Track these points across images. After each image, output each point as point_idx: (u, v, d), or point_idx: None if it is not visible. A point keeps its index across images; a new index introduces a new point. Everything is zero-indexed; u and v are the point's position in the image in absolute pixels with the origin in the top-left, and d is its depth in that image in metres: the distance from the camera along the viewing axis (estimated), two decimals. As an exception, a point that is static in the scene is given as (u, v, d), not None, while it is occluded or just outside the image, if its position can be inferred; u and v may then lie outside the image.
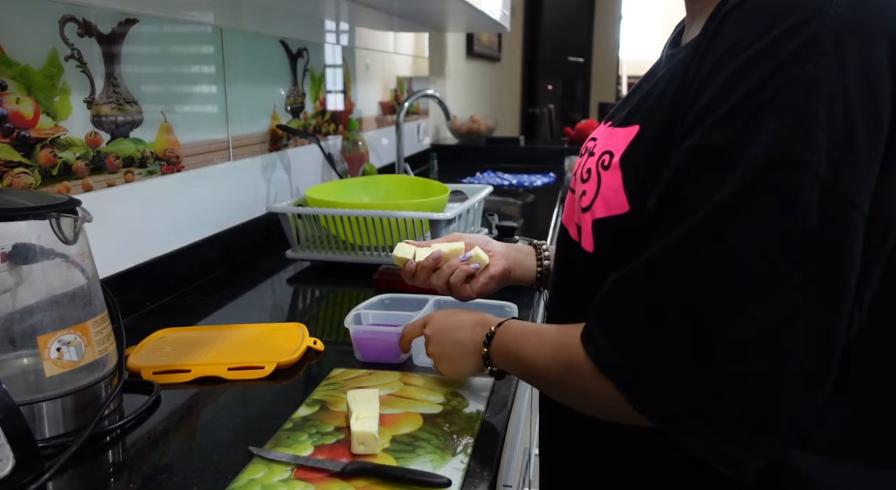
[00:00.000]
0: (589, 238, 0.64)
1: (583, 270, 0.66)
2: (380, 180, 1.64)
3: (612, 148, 0.62)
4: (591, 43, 6.33)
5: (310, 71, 1.77)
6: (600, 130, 0.70)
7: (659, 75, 0.62)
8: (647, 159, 0.58)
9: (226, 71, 1.37)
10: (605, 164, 0.62)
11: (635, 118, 0.61)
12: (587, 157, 0.66)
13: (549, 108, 4.64)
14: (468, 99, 3.91)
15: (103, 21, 1.04)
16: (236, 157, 1.43)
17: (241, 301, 1.20)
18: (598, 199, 0.62)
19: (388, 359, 0.89)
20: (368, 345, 0.90)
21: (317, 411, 0.76)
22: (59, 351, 0.68)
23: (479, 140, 3.10)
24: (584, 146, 0.74)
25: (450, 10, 2.02)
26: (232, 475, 0.64)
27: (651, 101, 0.60)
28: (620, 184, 0.59)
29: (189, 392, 0.83)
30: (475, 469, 0.67)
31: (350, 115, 2.07)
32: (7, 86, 0.88)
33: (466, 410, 0.77)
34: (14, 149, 0.89)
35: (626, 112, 0.64)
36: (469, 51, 3.79)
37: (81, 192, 1.01)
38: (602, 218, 0.61)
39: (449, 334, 0.79)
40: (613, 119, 0.68)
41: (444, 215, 1.27)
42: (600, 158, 0.63)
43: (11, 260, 0.68)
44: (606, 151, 0.62)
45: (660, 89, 0.59)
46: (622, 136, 0.61)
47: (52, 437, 0.69)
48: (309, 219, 1.32)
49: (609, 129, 0.65)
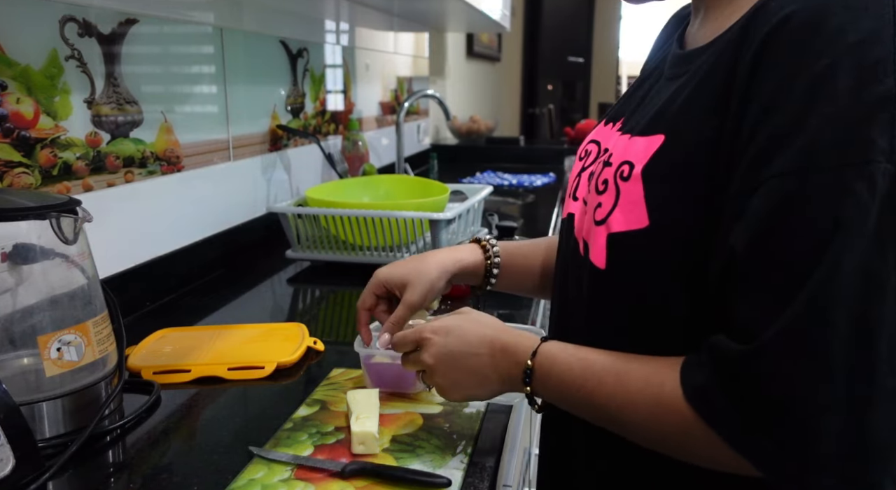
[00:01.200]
0: (601, 253, 0.60)
1: (592, 287, 0.63)
2: (380, 180, 1.64)
3: (631, 158, 0.59)
4: (591, 43, 6.33)
5: (310, 71, 1.77)
6: (606, 135, 0.68)
7: (681, 81, 0.59)
8: (673, 173, 0.55)
9: (226, 71, 1.37)
10: (624, 176, 0.59)
11: (659, 127, 0.58)
12: (602, 167, 0.63)
13: (549, 109, 4.64)
14: (468, 99, 3.91)
15: (103, 21, 1.04)
16: (236, 157, 1.43)
17: (241, 301, 1.20)
18: (615, 212, 0.59)
19: (404, 388, 0.81)
20: (380, 371, 0.81)
21: (317, 411, 0.77)
22: (59, 351, 0.68)
23: (479, 140, 3.11)
24: (583, 148, 0.71)
25: (450, 10, 2.02)
26: (232, 475, 0.64)
27: (675, 110, 0.57)
28: (641, 197, 0.56)
29: (189, 392, 0.83)
30: (475, 469, 0.67)
31: (350, 115, 2.07)
32: (7, 86, 0.88)
33: (466, 410, 0.77)
34: (14, 149, 0.89)
35: (645, 119, 0.61)
36: (469, 51, 3.79)
37: (81, 192, 1.01)
38: (618, 232, 0.58)
39: (460, 362, 0.67)
40: (624, 125, 0.65)
41: (444, 215, 1.27)
42: (619, 169, 0.60)
43: (12, 260, 0.68)
44: (626, 162, 0.59)
45: (685, 97, 0.57)
46: (643, 146, 0.58)
47: (52, 437, 0.69)
48: (309, 219, 1.33)
49: (624, 137, 0.62)
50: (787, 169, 0.48)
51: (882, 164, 0.46)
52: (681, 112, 0.57)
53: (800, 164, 0.47)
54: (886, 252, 0.46)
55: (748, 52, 0.51)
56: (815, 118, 0.47)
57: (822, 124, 0.47)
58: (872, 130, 0.46)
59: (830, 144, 0.47)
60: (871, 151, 0.46)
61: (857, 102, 0.46)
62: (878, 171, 0.46)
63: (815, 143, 0.47)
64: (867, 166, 0.46)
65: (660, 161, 0.56)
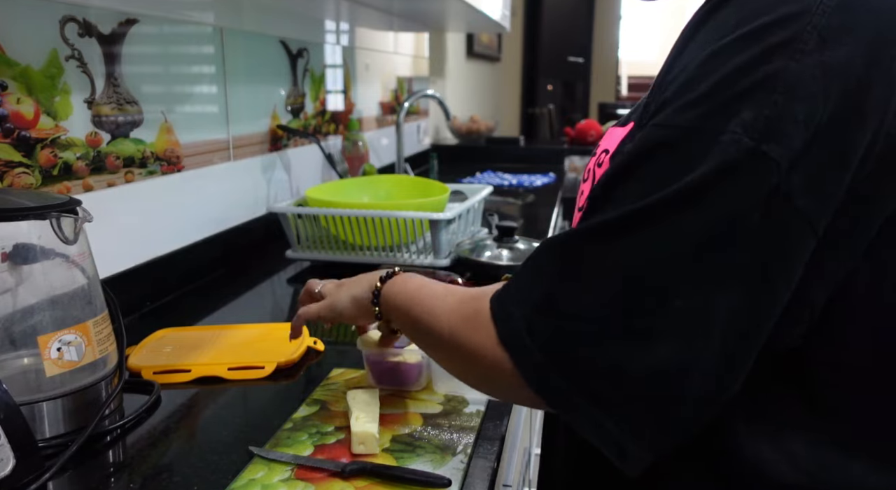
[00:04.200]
0: None
1: None
2: (380, 180, 1.64)
3: (608, 146, 0.62)
4: (591, 43, 6.33)
5: (310, 71, 1.77)
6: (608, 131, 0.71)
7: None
8: None
9: (226, 71, 1.37)
10: (599, 162, 0.62)
11: (632, 115, 0.61)
12: (590, 158, 0.66)
13: (549, 109, 4.64)
14: (468, 99, 3.91)
15: (104, 21, 1.04)
16: (236, 157, 1.43)
17: (241, 301, 1.21)
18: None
19: (407, 384, 0.82)
20: (382, 369, 0.82)
21: (317, 411, 0.77)
22: (59, 351, 0.68)
23: (479, 140, 3.10)
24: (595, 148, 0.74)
25: (450, 10, 2.02)
26: (232, 475, 0.64)
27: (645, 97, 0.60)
28: None
29: (189, 392, 0.83)
30: (475, 469, 0.67)
31: (350, 115, 2.07)
32: (7, 86, 0.88)
33: (466, 410, 0.77)
34: (14, 149, 0.89)
35: (630, 109, 0.64)
36: (469, 51, 3.79)
37: (82, 192, 1.01)
38: None
39: (345, 285, 0.77)
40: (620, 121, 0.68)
41: (444, 215, 1.27)
42: (598, 157, 0.63)
43: (12, 260, 0.68)
44: (604, 150, 0.62)
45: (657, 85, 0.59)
46: (619, 135, 0.61)
47: (53, 436, 0.69)
48: (309, 219, 1.33)
49: (612, 129, 0.65)
50: (658, 121, 0.50)
51: (737, 135, 0.46)
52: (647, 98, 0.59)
53: (668, 120, 0.49)
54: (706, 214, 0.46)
55: (685, 32, 0.54)
56: (701, 85, 0.48)
57: (704, 91, 0.48)
58: (741, 104, 0.46)
59: (701, 108, 0.48)
60: (732, 122, 0.46)
61: (741, 77, 0.47)
62: (732, 141, 0.46)
63: (688, 105, 0.48)
64: (723, 134, 0.46)
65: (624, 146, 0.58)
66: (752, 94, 0.46)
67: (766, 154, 0.45)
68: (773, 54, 0.46)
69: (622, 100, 6.77)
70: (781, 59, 0.46)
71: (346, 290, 0.76)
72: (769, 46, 0.47)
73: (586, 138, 3.08)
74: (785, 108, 0.46)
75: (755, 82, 0.46)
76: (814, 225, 0.47)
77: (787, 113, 0.46)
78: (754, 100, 0.46)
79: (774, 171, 0.45)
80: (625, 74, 7.12)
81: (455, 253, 1.31)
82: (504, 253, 1.28)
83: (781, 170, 0.45)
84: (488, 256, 1.27)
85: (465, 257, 1.28)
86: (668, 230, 0.47)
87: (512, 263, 1.25)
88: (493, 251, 1.29)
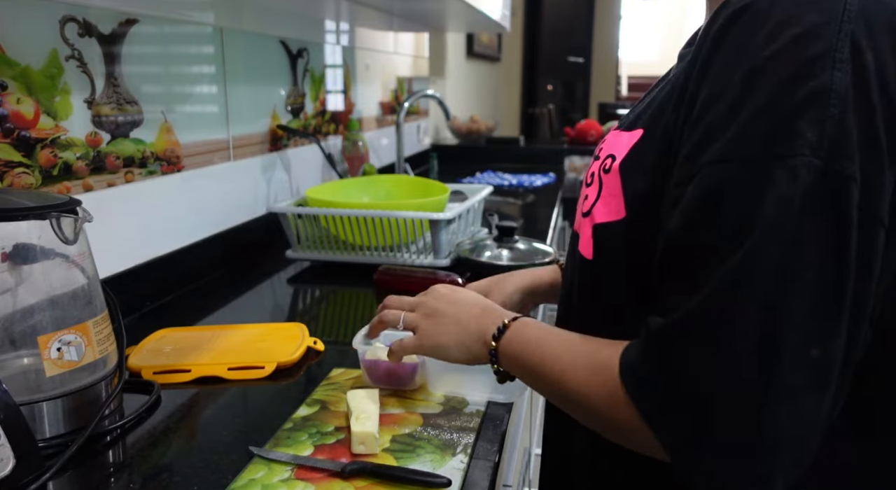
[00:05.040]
0: (588, 244, 0.63)
1: (581, 277, 0.65)
2: (380, 180, 1.64)
3: (615, 151, 0.61)
4: (591, 43, 6.33)
5: (310, 71, 1.77)
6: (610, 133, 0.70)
7: (669, 78, 0.61)
8: (647, 166, 0.57)
9: (226, 71, 1.37)
10: (606, 168, 0.61)
11: (640, 122, 0.60)
12: (593, 161, 0.66)
13: (549, 109, 4.64)
14: (468, 99, 3.91)
15: (103, 21, 1.04)
16: (236, 157, 1.43)
17: (241, 301, 1.21)
18: (598, 204, 0.61)
19: (401, 384, 0.81)
20: (377, 369, 0.81)
21: (317, 411, 0.77)
22: (59, 351, 0.68)
23: (479, 140, 3.10)
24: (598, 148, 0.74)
25: (450, 11, 2.02)
26: (232, 475, 0.64)
27: (656, 104, 0.59)
28: (620, 189, 0.58)
29: (189, 392, 0.83)
30: (475, 469, 0.67)
31: (350, 115, 2.07)
32: (7, 86, 0.88)
33: (466, 410, 0.77)
34: (14, 149, 0.89)
35: (634, 115, 0.63)
36: (469, 51, 3.79)
37: (82, 192, 1.01)
38: (601, 223, 0.60)
39: (452, 307, 0.70)
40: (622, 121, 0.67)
41: (444, 215, 1.27)
42: (603, 162, 0.62)
43: (12, 260, 0.68)
44: (610, 155, 0.62)
45: (666, 92, 0.58)
46: (626, 140, 0.60)
47: (53, 436, 0.69)
48: (309, 219, 1.33)
49: (617, 132, 0.65)
50: (717, 157, 0.48)
51: (807, 158, 0.45)
52: (658, 108, 0.58)
53: (728, 154, 0.48)
54: (802, 247, 0.45)
55: (704, 47, 0.53)
56: (748, 109, 0.47)
57: (754, 115, 0.47)
58: (801, 124, 0.46)
59: (759, 135, 0.47)
60: (797, 145, 0.45)
61: (789, 95, 0.46)
62: (803, 164, 0.45)
63: (744, 134, 0.47)
64: (792, 159, 0.46)
65: (635, 155, 0.58)
66: (807, 111, 0.46)
67: (840, 172, 0.45)
68: (815, 67, 0.46)
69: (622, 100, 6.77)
70: (825, 72, 0.46)
71: (454, 335, 0.70)
72: (808, 60, 0.46)
73: (586, 138, 3.08)
74: (843, 120, 0.45)
75: (807, 99, 0.46)
76: (888, 228, 0.47)
77: (845, 126, 0.45)
78: (812, 118, 0.46)
79: (853, 187, 0.45)
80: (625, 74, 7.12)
81: (455, 253, 1.31)
82: (504, 253, 1.28)
83: (857, 183, 0.45)
84: (488, 256, 1.27)
85: (465, 257, 1.28)
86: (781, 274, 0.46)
87: (512, 263, 1.25)
88: (493, 251, 1.29)
